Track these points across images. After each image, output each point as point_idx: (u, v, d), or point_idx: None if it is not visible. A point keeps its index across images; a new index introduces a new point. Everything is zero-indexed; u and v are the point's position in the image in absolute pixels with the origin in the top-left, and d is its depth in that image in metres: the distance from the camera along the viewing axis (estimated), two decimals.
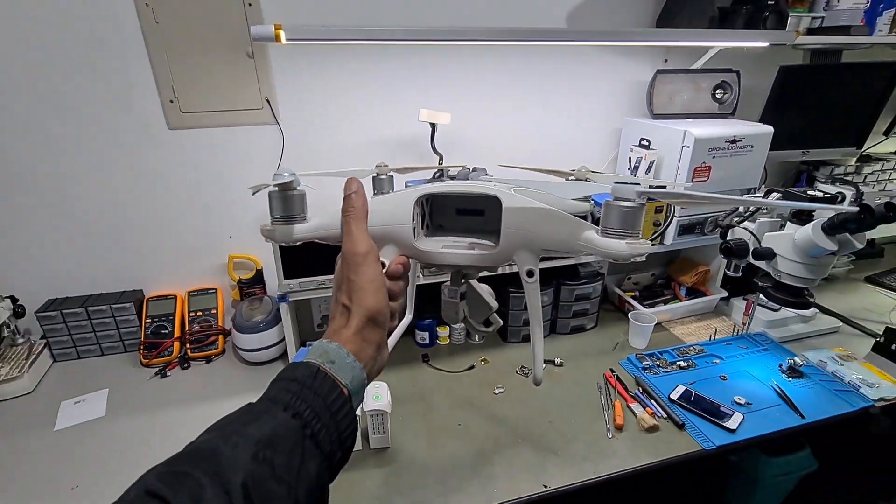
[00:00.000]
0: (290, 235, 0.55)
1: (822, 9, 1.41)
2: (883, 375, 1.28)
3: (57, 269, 1.34)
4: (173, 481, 0.31)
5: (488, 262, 0.55)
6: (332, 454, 0.40)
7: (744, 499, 1.68)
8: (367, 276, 0.47)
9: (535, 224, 0.52)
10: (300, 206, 0.56)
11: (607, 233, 0.49)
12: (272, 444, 0.35)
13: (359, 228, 0.49)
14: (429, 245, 0.54)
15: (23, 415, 1.17)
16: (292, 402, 0.38)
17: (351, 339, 0.45)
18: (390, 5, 1.26)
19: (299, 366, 0.42)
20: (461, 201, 0.57)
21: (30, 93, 1.16)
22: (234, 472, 0.33)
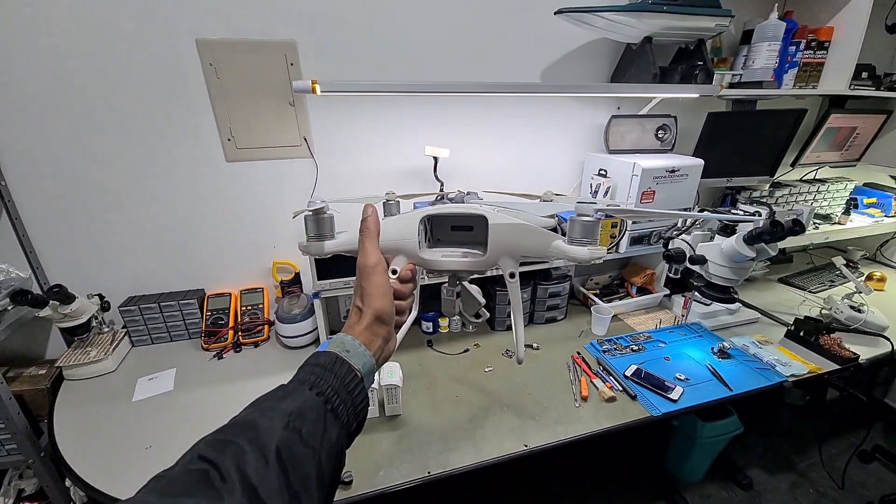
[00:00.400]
0: (322, 250, 0.57)
1: (741, 68, 1.42)
2: (793, 356, 1.27)
3: (136, 272, 1.33)
4: (220, 447, 0.32)
5: (478, 267, 0.56)
6: (349, 424, 0.40)
7: (685, 456, 1.67)
8: (374, 283, 0.47)
9: (515, 236, 0.53)
10: (329, 226, 0.57)
11: (572, 241, 0.52)
12: (300, 416, 0.36)
13: (370, 245, 0.50)
14: (431, 255, 0.55)
15: (107, 389, 1.16)
16: (316, 383, 0.39)
17: (362, 332, 0.45)
18: (401, 65, 1.27)
19: (322, 354, 0.43)
20: (455, 220, 0.58)
21: (119, 132, 1.16)
22: (270, 438, 0.33)
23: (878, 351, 1.32)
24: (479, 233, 0.55)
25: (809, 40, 1.43)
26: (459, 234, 0.58)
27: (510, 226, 0.53)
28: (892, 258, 1.97)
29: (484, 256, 0.54)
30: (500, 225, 0.53)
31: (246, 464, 0.31)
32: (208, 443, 0.33)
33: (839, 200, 1.77)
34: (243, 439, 0.33)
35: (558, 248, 0.52)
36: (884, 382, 2.05)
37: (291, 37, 1.16)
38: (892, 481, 1.76)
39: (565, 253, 0.52)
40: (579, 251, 0.51)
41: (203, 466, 0.30)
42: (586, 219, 0.51)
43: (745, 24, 1.43)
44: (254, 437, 0.33)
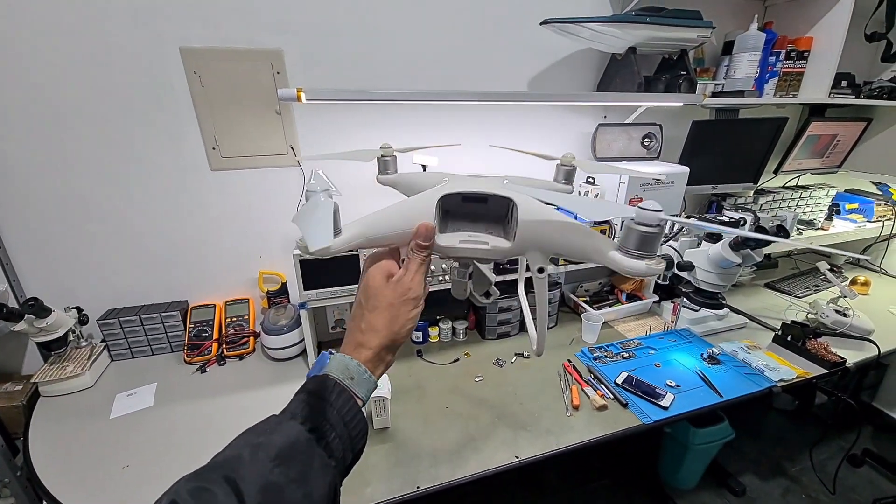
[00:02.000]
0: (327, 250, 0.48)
1: (723, 77, 1.46)
2: (781, 361, 1.28)
3: (116, 284, 1.30)
4: (196, 495, 0.30)
5: (501, 257, 0.49)
6: (344, 458, 0.38)
7: (678, 463, 1.67)
8: (412, 314, 0.45)
9: (552, 233, 0.46)
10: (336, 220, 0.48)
11: (626, 253, 0.43)
12: (289, 455, 0.34)
13: (422, 272, 0.46)
14: (448, 241, 0.48)
15: (84, 405, 1.12)
16: (310, 416, 0.37)
17: (371, 359, 0.43)
18: (389, 74, 1.28)
19: (319, 380, 0.40)
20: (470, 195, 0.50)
21: (101, 140, 1.14)
22: (253, 483, 0.31)
23: (865, 355, 1.33)
24: (496, 207, 0.49)
25: (789, 50, 1.47)
26: (473, 207, 0.51)
27: (549, 223, 0.45)
28: (875, 262, 2.01)
29: (510, 247, 0.47)
30: (534, 217, 0.45)
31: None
32: (185, 489, 0.30)
33: (822, 206, 1.81)
34: (222, 485, 0.30)
35: (611, 259, 0.44)
36: (871, 386, 2.08)
37: (278, 45, 1.16)
38: (882, 485, 1.78)
39: (618, 265, 0.44)
40: (634, 265, 0.43)
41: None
42: (647, 230, 0.41)
43: (726, 35, 1.47)
44: (235, 480, 0.31)
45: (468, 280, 0.60)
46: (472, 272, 0.60)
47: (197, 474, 0.32)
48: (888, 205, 1.90)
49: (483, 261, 0.54)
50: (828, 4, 1.41)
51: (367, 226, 0.48)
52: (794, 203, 1.76)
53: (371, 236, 0.47)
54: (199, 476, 0.32)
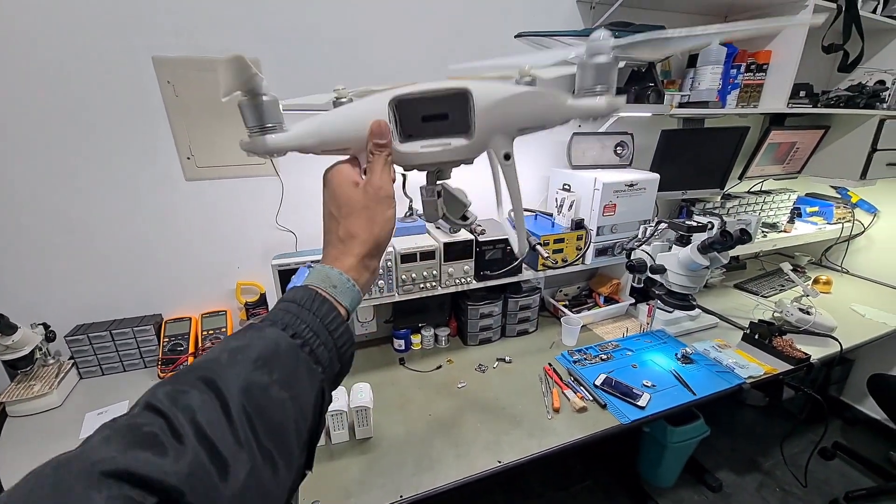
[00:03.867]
0: (267, 145, 0.45)
1: (689, 89, 1.53)
2: (750, 359, 1.34)
3: (86, 299, 1.26)
4: (173, 396, 0.28)
5: (464, 155, 0.48)
6: (332, 366, 0.36)
7: (657, 462, 1.71)
8: (386, 213, 0.42)
9: (510, 108, 0.45)
10: (274, 114, 0.45)
11: (584, 93, 0.43)
12: (271, 358, 0.32)
13: (387, 170, 0.43)
14: (408, 148, 0.46)
15: (51, 426, 1.08)
16: (291, 322, 0.35)
17: (354, 266, 0.40)
18: (367, 81, 1.29)
19: (299, 289, 0.38)
20: (426, 107, 0.47)
21: (70, 150, 1.11)
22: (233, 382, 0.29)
23: (828, 350, 1.40)
24: (458, 119, 0.47)
25: (749, 63, 1.55)
26: (433, 126, 0.49)
27: (504, 99, 0.44)
28: (836, 262, 2.13)
29: (471, 141, 0.46)
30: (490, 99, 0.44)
31: (201, 413, 0.27)
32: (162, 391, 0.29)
33: (784, 210, 1.91)
34: (200, 386, 0.29)
35: (571, 106, 0.43)
36: (838, 381, 2.18)
37: (255, 54, 1.16)
38: (854, 477, 1.86)
39: (578, 110, 0.43)
40: (594, 103, 0.43)
41: (149, 419, 0.27)
42: (601, 59, 0.42)
43: (690, 49, 1.54)
44: (214, 381, 0.29)
45: (437, 198, 0.57)
46: (442, 193, 0.57)
47: (174, 378, 0.30)
48: (847, 207, 2.02)
49: (447, 166, 0.52)
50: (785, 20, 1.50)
51: (317, 125, 0.45)
52: (759, 207, 1.85)
53: (322, 136, 0.45)
54: (176, 379, 0.30)
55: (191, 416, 0.27)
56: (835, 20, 1.50)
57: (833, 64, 1.79)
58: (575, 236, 1.41)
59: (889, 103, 1.71)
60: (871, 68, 1.78)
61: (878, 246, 2.01)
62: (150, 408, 0.27)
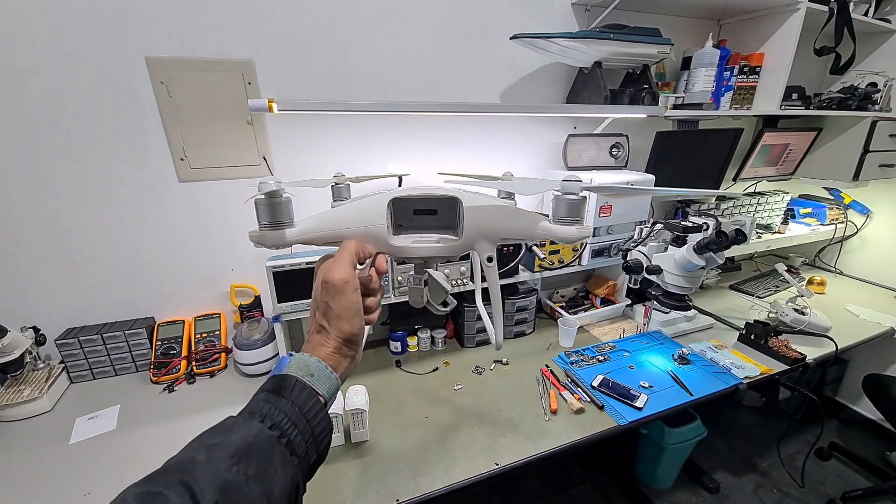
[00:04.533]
0: (281, 240, 0.49)
1: (683, 91, 1.54)
2: (746, 359, 1.34)
3: (76, 302, 1.24)
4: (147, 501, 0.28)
5: (452, 253, 0.52)
6: (308, 456, 0.37)
7: (654, 463, 1.70)
8: (343, 303, 0.42)
9: (493, 219, 0.51)
10: (287, 212, 0.49)
11: (558, 221, 0.50)
12: (247, 454, 0.32)
13: (346, 259, 0.44)
14: (401, 242, 0.51)
15: (41, 431, 1.06)
16: (270, 413, 0.36)
17: (330, 355, 0.42)
18: (364, 85, 1.29)
19: (279, 378, 0.39)
20: (418, 203, 0.53)
21: (61, 152, 1.10)
22: (209, 484, 0.29)
23: (823, 350, 1.41)
24: (445, 216, 0.52)
25: (742, 66, 1.57)
26: (423, 219, 0.54)
27: (489, 208, 0.50)
28: (829, 263, 2.14)
29: (459, 241, 0.51)
30: (479, 207, 0.49)
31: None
32: (136, 496, 0.28)
33: (778, 211, 1.92)
34: (176, 488, 0.29)
35: (545, 230, 0.51)
36: (834, 381, 2.19)
37: (249, 56, 1.15)
38: (850, 478, 1.86)
39: (552, 234, 0.51)
40: (567, 231, 0.50)
41: None
42: (572, 197, 0.49)
43: (684, 51, 1.56)
44: (189, 483, 0.29)
45: (424, 287, 0.61)
46: (428, 280, 0.62)
47: (147, 479, 0.30)
48: (840, 209, 2.04)
49: (435, 260, 0.56)
50: (778, 22, 1.51)
51: (320, 221, 0.49)
52: (753, 208, 1.86)
53: (324, 230, 0.49)
54: (149, 480, 0.30)
55: None
56: (827, 23, 1.52)
57: (825, 66, 1.81)
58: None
59: (881, 105, 1.73)
60: (863, 70, 1.80)
61: (871, 247, 2.03)
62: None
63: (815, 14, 1.47)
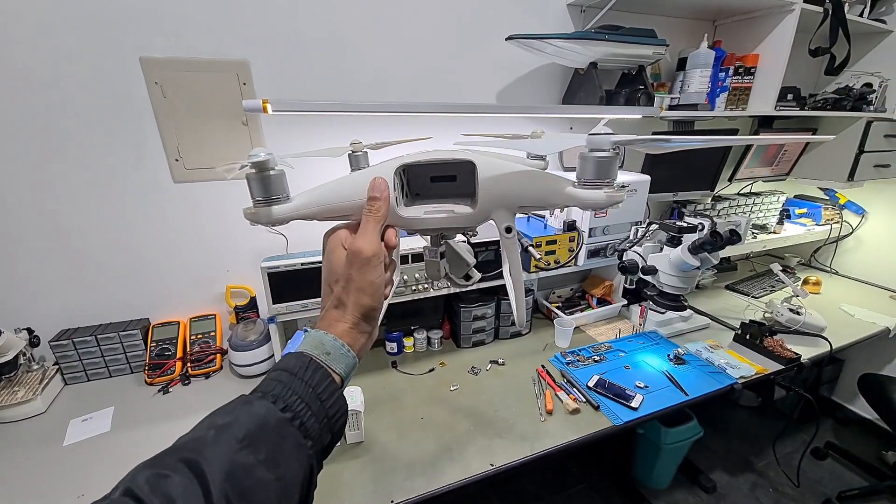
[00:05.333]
0: (270, 216, 0.45)
1: (678, 92, 1.54)
2: (742, 359, 1.35)
3: (70, 303, 1.24)
4: (153, 482, 0.27)
5: (467, 223, 0.48)
6: (321, 439, 0.36)
7: (651, 463, 1.71)
8: (369, 277, 0.40)
9: (512, 185, 0.45)
10: (280, 186, 0.46)
11: (585, 185, 0.43)
12: (257, 436, 0.31)
13: (374, 230, 0.42)
14: (412, 213, 0.47)
15: (35, 433, 1.06)
16: (282, 394, 0.34)
17: (348, 332, 0.40)
18: (360, 86, 1.29)
19: (293, 356, 0.37)
20: (435, 169, 0.49)
21: (56, 153, 1.10)
22: (217, 466, 0.29)
23: (818, 350, 1.41)
24: (464, 182, 0.48)
25: (737, 67, 1.57)
26: (442, 187, 0.50)
27: (507, 173, 0.45)
28: (825, 263, 2.15)
29: (474, 211, 0.46)
30: (494, 173, 0.45)
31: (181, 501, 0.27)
32: (142, 474, 0.28)
33: (773, 212, 1.93)
34: (182, 470, 0.28)
35: (570, 195, 0.44)
36: (829, 380, 2.20)
37: (244, 56, 1.15)
38: (846, 477, 1.86)
39: (578, 199, 0.43)
40: (595, 195, 0.43)
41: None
42: (601, 154, 0.42)
43: (679, 52, 1.56)
44: (197, 464, 0.28)
45: (440, 259, 0.57)
46: (445, 252, 0.57)
47: (155, 459, 0.30)
48: (835, 209, 2.04)
49: (450, 231, 0.53)
50: (773, 23, 1.52)
51: (319, 194, 0.46)
52: (749, 209, 1.87)
53: (324, 204, 0.46)
54: (157, 461, 0.30)
55: None
56: (821, 24, 1.52)
57: (820, 67, 1.82)
58: (567, 238, 1.41)
59: (876, 106, 1.74)
60: (858, 71, 1.81)
61: (867, 247, 2.04)
62: (130, 494, 0.27)
63: (809, 15, 1.47)
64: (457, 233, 0.54)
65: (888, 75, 1.75)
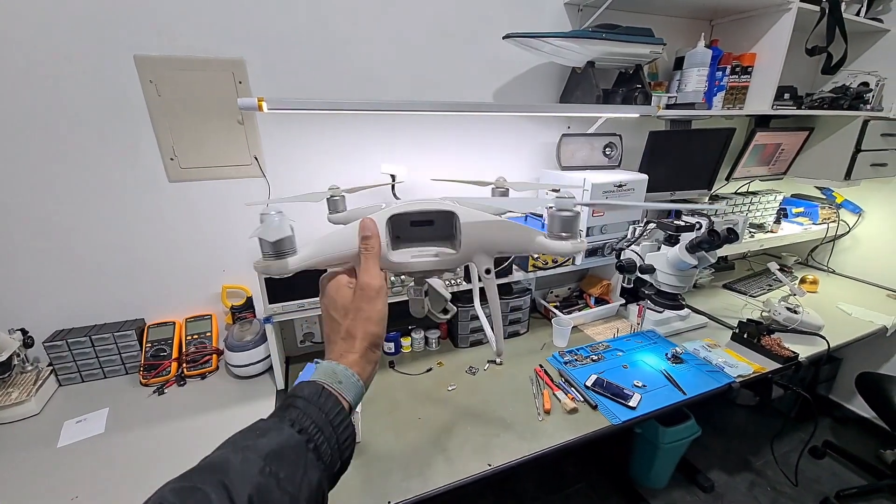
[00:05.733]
0: (285, 268, 0.50)
1: (675, 91, 1.54)
2: (739, 358, 1.35)
3: (65, 304, 1.22)
4: (184, 496, 0.29)
5: (450, 266, 0.54)
6: (332, 464, 0.38)
7: (649, 463, 1.70)
8: (377, 307, 0.45)
9: (490, 233, 0.52)
10: (290, 243, 0.50)
11: (553, 236, 0.52)
12: (278, 457, 0.33)
13: (375, 265, 0.47)
14: (400, 257, 0.52)
15: (29, 434, 1.05)
16: (298, 418, 0.36)
17: (357, 362, 0.43)
18: (356, 84, 1.28)
19: (307, 385, 0.40)
20: (414, 215, 0.54)
21: (50, 153, 1.09)
22: (243, 484, 0.30)
23: (816, 349, 1.42)
24: (442, 227, 0.53)
25: (734, 66, 1.57)
26: (421, 230, 0.55)
27: (486, 223, 0.51)
28: (822, 262, 2.15)
29: (457, 255, 0.52)
30: (475, 223, 0.51)
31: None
32: (173, 490, 0.30)
33: (770, 211, 1.93)
34: (212, 485, 0.30)
35: (541, 245, 0.52)
36: (827, 379, 2.20)
37: (240, 55, 1.14)
38: (844, 476, 1.86)
39: (547, 249, 0.51)
40: (562, 246, 0.51)
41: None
42: (566, 214, 0.51)
43: (676, 51, 1.56)
44: (225, 482, 0.30)
45: (424, 297, 0.63)
46: (428, 290, 0.63)
47: (184, 476, 0.32)
48: (832, 208, 2.05)
49: (434, 273, 0.58)
50: (769, 22, 1.52)
51: (321, 245, 0.51)
52: (746, 208, 1.87)
53: (326, 254, 0.50)
54: (185, 478, 0.31)
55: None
56: (818, 23, 1.53)
57: (817, 66, 1.82)
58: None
59: (872, 104, 1.75)
60: (855, 70, 1.81)
61: (863, 245, 2.04)
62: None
63: (806, 14, 1.48)
64: (440, 274, 0.59)
65: (885, 74, 1.75)
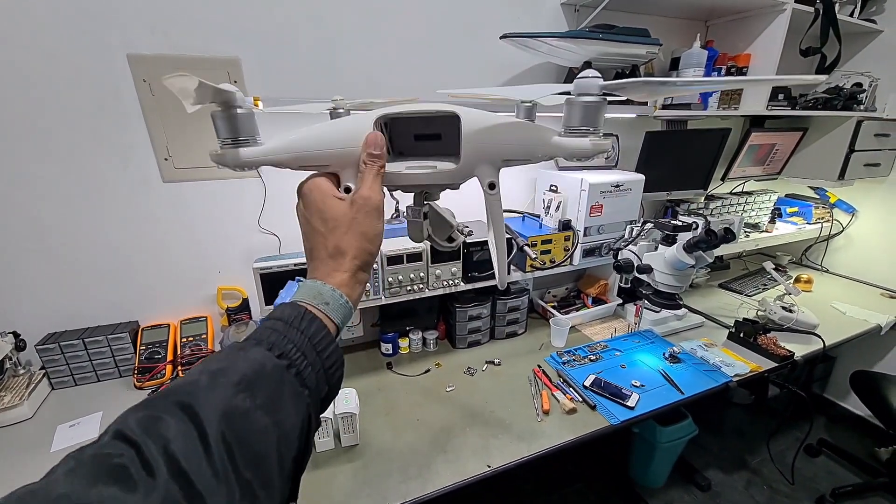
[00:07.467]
0: (239, 158, 0.42)
1: None
2: (736, 357, 1.35)
3: (57, 306, 1.21)
4: (146, 423, 0.26)
5: (450, 180, 0.47)
6: (318, 389, 0.34)
7: (647, 462, 1.71)
8: (376, 226, 0.41)
9: (496, 137, 0.44)
10: (249, 126, 0.43)
11: (570, 132, 0.42)
12: (254, 381, 0.30)
13: (377, 181, 0.42)
14: (393, 167, 0.45)
15: (21, 439, 1.03)
16: (278, 341, 0.33)
17: (346, 282, 0.39)
18: (354, 84, 1.28)
19: (287, 306, 0.36)
20: (418, 126, 0.47)
21: (41, 152, 1.07)
22: (213, 409, 0.27)
23: (811, 348, 1.42)
24: (449, 142, 0.46)
25: (729, 66, 1.58)
26: (425, 145, 0.49)
27: (491, 125, 0.43)
28: (816, 261, 2.17)
29: (457, 166, 0.45)
30: (477, 125, 0.43)
31: (175, 443, 0.25)
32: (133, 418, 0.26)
33: (765, 210, 1.94)
34: (176, 412, 0.27)
35: (556, 144, 0.42)
36: (821, 378, 2.22)
37: (235, 53, 1.13)
38: (840, 474, 1.88)
39: (562, 149, 0.42)
40: (580, 143, 0.41)
41: (118, 449, 0.24)
42: (588, 99, 0.40)
43: (672, 52, 1.57)
44: (191, 407, 0.27)
45: (423, 220, 0.56)
46: (429, 213, 0.56)
47: (146, 402, 0.28)
48: (826, 208, 2.06)
49: (433, 190, 0.52)
50: (764, 23, 1.53)
51: (295, 139, 0.43)
52: (741, 208, 1.88)
53: (298, 151, 0.43)
54: (149, 404, 0.28)
55: (164, 446, 0.25)
56: (812, 24, 1.54)
57: (811, 67, 1.83)
58: (562, 237, 1.41)
59: (866, 105, 1.76)
60: (849, 71, 1.83)
61: (857, 245, 2.06)
62: (120, 436, 0.25)
63: (800, 15, 1.49)
64: (440, 190, 0.53)
65: (878, 75, 1.77)
